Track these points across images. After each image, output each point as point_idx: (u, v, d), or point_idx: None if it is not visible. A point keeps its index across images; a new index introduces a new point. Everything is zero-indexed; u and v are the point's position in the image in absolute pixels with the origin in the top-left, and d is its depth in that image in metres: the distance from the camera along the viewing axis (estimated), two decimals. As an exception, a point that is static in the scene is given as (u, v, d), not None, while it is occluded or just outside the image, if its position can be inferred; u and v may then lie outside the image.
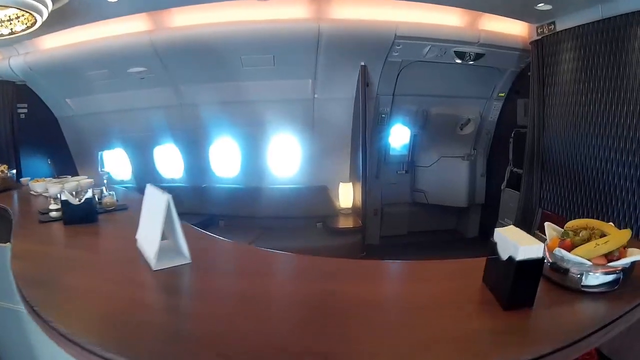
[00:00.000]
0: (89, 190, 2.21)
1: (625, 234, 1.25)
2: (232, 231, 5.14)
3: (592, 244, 1.24)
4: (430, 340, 1.01)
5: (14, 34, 2.40)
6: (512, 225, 1.27)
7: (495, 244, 1.18)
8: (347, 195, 5.03)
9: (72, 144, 5.74)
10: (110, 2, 2.78)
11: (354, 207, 4.93)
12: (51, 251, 1.82)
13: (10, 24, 2.29)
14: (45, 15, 2.36)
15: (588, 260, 1.21)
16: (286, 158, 5.26)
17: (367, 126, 4.80)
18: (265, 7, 3.76)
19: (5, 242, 2.06)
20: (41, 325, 1.11)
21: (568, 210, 3.63)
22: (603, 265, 1.21)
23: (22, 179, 3.36)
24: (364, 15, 3.88)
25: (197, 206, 5.35)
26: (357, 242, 4.57)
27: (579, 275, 1.21)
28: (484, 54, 4.23)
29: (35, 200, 2.81)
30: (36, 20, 2.34)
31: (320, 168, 5.19)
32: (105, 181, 2.81)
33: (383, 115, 4.91)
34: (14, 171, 3.50)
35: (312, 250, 4.76)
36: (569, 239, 1.30)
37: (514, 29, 4.03)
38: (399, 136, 5.19)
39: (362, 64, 4.34)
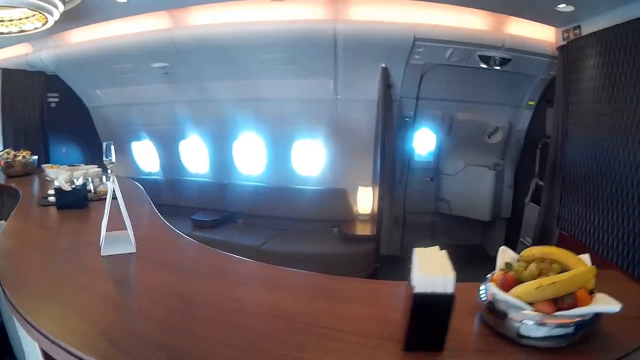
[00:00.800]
0: (79, 178, 2.51)
1: (583, 274, 1.04)
2: (249, 230, 5.36)
3: (534, 283, 1.03)
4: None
5: (23, 32, 2.75)
6: (437, 247, 1.08)
7: (410, 267, 1.02)
8: (366, 200, 4.99)
9: (102, 133, 6.06)
10: (120, 2, 3.08)
11: (372, 214, 4.87)
12: (31, 230, 2.14)
13: (21, 22, 2.62)
14: (57, 16, 2.62)
15: (528, 304, 1.01)
16: (309, 158, 5.33)
17: (389, 129, 4.79)
18: (283, 7, 3.84)
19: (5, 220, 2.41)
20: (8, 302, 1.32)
21: (586, 232, 3.36)
22: (548, 314, 1.00)
23: (43, 165, 3.71)
24: (382, 16, 3.86)
25: (218, 202, 5.58)
26: (372, 250, 4.50)
27: (518, 323, 1.02)
28: (510, 59, 4.09)
29: (48, 185, 3.03)
30: (47, 20, 2.67)
31: (341, 170, 5.21)
32: (109, 171, 3.11)
33: (407, 119, 4.85)
34: (36, 157, 3.83)
35: (322, 257, 4.76)
36: (512, 273, 1.10)
37: (542, 34, 3.87)
38: (424, 141, 5.09)
39: (383, 65, 4.33)
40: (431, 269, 0.97)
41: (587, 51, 3.42)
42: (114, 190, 1.73)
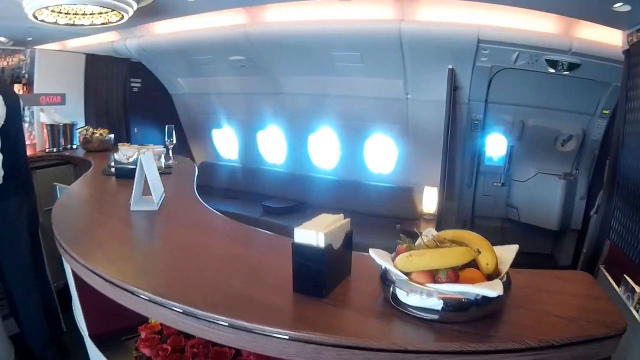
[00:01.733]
0: (135, 153, 3.06)
1: (455, 253, 1.11)
2: None
3: (407, 253, 1.13)
4: (235, 283, 1.38)
5: (104, 24, 3.37)
6: (341, 215, 1.33)
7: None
8: (431, 200, 5.22)
9: (183, 119, 6.82)
10: (189, 1, 3.60)
11: (437, 214, 5.07)
12: (88, 192, 2.82)
13: (100, 16, 3.23)
14: (131, 12, 3.17)
15: (404, 273, 1.11)
16: (380, 156, 5.65)
17: (457, 131, 4.98)
18: (352, 7, 4.09)
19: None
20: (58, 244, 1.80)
21: (634, 249, 3.15)
22: (419, 284, 1.08)
23: (119, 143, 4.44)
24: (446, 16, 3.97)
25: (290, 192, 6.08)
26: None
27: (392, 288, 1.13)
28: (579, 64, 4.01)
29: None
30: (123, 16, 3.25)
31: (411, 169, 5.46)
32: (169, 150, 3.66)
33: (476, 122, 4.95)
34: (112, 135, 4.41)
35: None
36: (405, 245, 1.20)
37: (612, 38, 3.71)
38: (494, 146, 5.15)
39: (450, 67, 4.46)
40: (311, 226, 1.20)
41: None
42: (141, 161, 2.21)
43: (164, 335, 1.77)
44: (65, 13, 3.11)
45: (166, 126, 3.57)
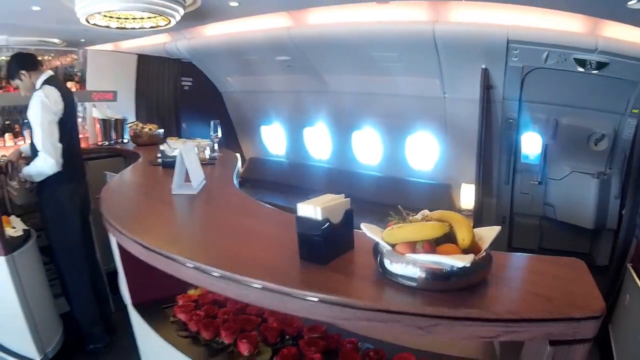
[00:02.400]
0: (179, 148, 3.35)
1: (428, 227, 1.25)
2: (356, 213, 6.16)
3: (392, 227, 1.28)
4: (257, 253, 1.62)
5: (152, 28, 3.67)
6: (342, 195, 1.53)
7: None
8: (468, 197, 5.37)
9: (233, 115, 7.15)
10: (233, 6, 3.86)
11: (474, 210, 5.20)
12: (135, 178, 3.20)
13: (150, 20, 3.53)
14: (178, 17, 3.47)
15: (390, 244, 1.27)
16: (421, 153, 5.83)
17: (493, 130, 5.09)
18: (389, 9, 4.23)
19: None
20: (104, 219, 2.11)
21: None
22: (399, 254, 1.23)
23: (168, 138, 4.76)
24: (477, 17, 4.08)
25: (334, 187, 6.16)
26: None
27: (380, 257, 1.29)
28: (607, 63, 4.01)
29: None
30: (170, 21, 3.55)
31: (450, 166, 5.62)
32: (214, 143, 3.95)
33: (510, 121, 5.02)
34: (161, 130, 4.75)
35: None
36: (394, 221, 1.33)
37: (638, 37, 3.71)
38: (530, 144, 5.21)
39: (483, 66, 4.59)
40: (312, 202, 1.40)
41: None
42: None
43: (199, 304, 2.02)
44: (116, 17, 3.43)
45: (211, 121, 3.83)
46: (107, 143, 5.02)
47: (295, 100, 6.50)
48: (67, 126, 3.19)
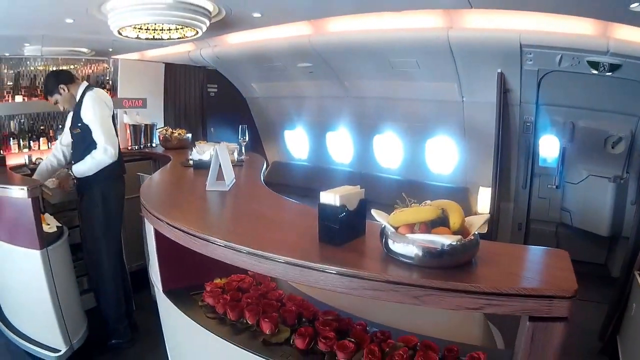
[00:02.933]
0: (210, 149, 3.60)
1: (422, 211, 1.45)
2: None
3: (395, 211, 1.48)
4: (281, 236, 1.85)
5: (182, 38, 3.95)
6: (358, 186, 1.73)
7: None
8: (485, 200, 5.43)
9: (257, 120, 7.43)
10: (255, 17, 4.11)
11: (490, 214, 5.14)
12: (169, 177, 3.47)
13: (177, 31, 3.79)
14: (204, 28, 3.76)
15: (393, 227, 1.46)
16: (440, 156, 5.98)
17: (510, 133, 5.21)
18: (405, 17, 4.36)
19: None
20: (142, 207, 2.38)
21: None
22: (401, 235, 1.43)
23: (196, 141, 5.02)
24: (489, 23, 4.19)
25: None
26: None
27: (385, 238, 1.48)
28: (620, 65, 4.05)
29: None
30: (198, 32, 3.82)
31: (468, 170, 5.74)
32: (242, 147, 4.14)
33: (528, 124, 5.13)
34: (189, 134, 5.05)
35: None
36: (399, 208, 1.52)
37: None
38: (548, 147, 5.29)
39: (499, 70, 4.71)
40: (333, 191, 1.62)
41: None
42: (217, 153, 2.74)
43: (225, 290, 2.24)
44: (145, 29, 3.70)
45: (240, 126, 4.06)
46: (136, 147, 5.35)
47: (318, 105, 6.73)
48: (114, 126, 3.58)
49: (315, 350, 1.78)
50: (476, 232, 1.47)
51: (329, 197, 1.61)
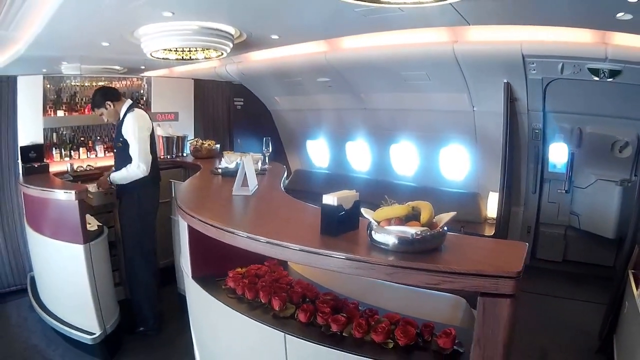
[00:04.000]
0: (237, 159, 3.94)
1: (393, 209, 1.82)
2: None
3: (379, 209, 1.84)
4: (292, 229, 2.25)
5: (208, 58, 4.40)
6: (353, 190, 2.10)
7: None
8: (494, 205, 5.63)
9: (282, 132, 7.90)
10: (273, 38, 4.51)
11: (497, 219, 5.49)
12: (200, 183, 3.92)
13: (204, 52, 4.21)
14: (229, 50, 4.19)
15: (376, 220, 1.82)
16: (454, 164, 6.30)
17: (520, 140, 5.49)
18: (414, 33, 4.65)
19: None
20: (177, 207, 2.80)
21: None
22: (381, 227, 1.78)
23: (224, 152, 5.39)
24: (492, 36, 4.44)
25: (374, 196, 6.89)
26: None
27: (369, 230, 1.83)
28: (620, 71, 4.18)
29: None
30: (223, 53, 4.25)
31: (480, 176, 6.01)
32: (265, 157, 4.43)
33: (536, 131, 5.38)
34: (218, 145, 5.47)
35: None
36: (384, 206, 1.88)
37: None
38: (557, 153, 5.53)
39: (505, 80, 4.97)
40: (333, 194, 2.00)
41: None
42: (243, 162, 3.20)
43: (245, 276, 2.66)
44: (174, 51, 4.16)
45: (264, 138, 4.42)
46: (169, 157, 5.85)
47: (337, 117, 7.15)
48: (153, 141, 4.14)
49: (315, 324, 2.17)
50: (444, 225, 1.84)
51: (329, 199, 2.01)
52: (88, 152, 5.60)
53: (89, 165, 5.39)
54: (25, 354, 3.89)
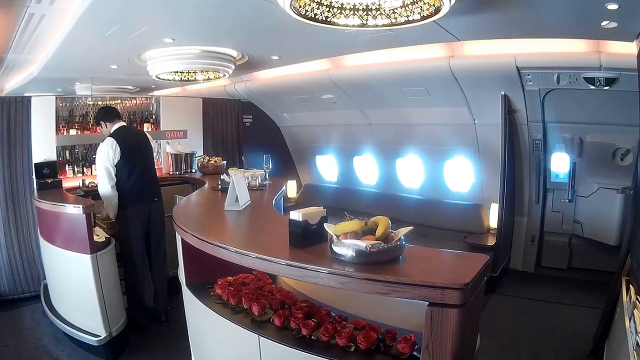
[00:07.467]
0: (248, 177, 4.12)
1: (348, 225, 1.97)
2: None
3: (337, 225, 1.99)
4: (265, 241, 2.48)
5: (209, 80, 4.67)
6: (321, 207, 2.26)
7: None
8: (496, 215, 5.73)
9: (291, 147, 8.15)
10: (274, 59, 4.73)
11: (498, 228, 5.60)
12: (199, 199, 4.16)
13: (208, 74, 4.49)
14: (231, 71, 4.42)
15: (335, 234, 1.96)
16: (458, 176, 6.46)
17: (521, 151, 5.64)
18: (411, 50, 4.88)
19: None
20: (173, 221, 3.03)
21: None
22: (339, 241, 1.93)
23: (229, 168, 5.63)
24: (486, 50, 4.61)
25: (377, 208, 6.67)
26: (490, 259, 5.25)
27: (330, 242, 1.97)
28: (616, 78, 4.25)
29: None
30: (225, 75, 4.44)
31: (483, 187, 6.16)
32: (266, 174, 4.64)
33: (537, 141, 5.50)
34: (224, 162, 5.72)
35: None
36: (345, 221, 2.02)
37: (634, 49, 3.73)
38: (559, 163, 5.60)
39: (502, 93, 5.11)
40: (299, 211, 2.19)
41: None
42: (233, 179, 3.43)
43: (232, 284, 2.91)
44: (179, 73, 4.46)
45: (264, 155, 4.66)
46: (177, 173, 6.16)
47: (344, 132, 7.38)
48: (130, 163, 4.35)
49: (289, 328, 2.38)
50: (402, 238, 1.99)
51: (295, 215, 2.20)
52: (100, 169, 5.91)
53: (99, 181, 5.68)
54: (35, 354, 4.18)
